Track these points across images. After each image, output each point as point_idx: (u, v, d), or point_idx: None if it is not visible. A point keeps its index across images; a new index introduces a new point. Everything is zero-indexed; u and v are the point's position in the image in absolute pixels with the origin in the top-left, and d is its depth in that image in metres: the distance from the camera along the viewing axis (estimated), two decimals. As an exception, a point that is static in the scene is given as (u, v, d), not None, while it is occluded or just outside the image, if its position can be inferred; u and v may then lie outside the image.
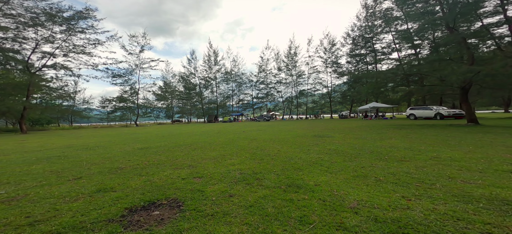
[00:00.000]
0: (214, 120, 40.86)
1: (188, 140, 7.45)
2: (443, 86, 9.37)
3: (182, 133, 11.30)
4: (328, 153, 4.24)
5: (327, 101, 43.11)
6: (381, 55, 35.51)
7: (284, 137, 7.58)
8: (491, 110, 49.24)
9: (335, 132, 8.86)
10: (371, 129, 9.76)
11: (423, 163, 3.21)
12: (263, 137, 7.64)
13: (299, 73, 43.97)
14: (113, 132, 14.63)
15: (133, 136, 10.52)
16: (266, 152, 4.57)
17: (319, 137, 7.05)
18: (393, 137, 6.36)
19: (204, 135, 9.36)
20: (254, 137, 7.94)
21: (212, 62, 44.80)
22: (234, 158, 4.02)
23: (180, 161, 3.91)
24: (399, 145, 4.89)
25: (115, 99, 33.06)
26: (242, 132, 10.68)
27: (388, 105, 24.52)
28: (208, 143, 6.41)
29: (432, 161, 3.29)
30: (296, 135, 8.13)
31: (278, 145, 5.56)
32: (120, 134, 12.03)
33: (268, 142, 6.23)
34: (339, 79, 41.64)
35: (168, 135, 10.15)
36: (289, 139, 6.94)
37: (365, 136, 7.04)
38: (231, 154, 4.47)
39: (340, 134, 7.99)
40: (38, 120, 21.35)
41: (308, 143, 5.83)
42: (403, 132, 7.73)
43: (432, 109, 18.57)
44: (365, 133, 8.00)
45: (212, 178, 2.77)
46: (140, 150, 5.44)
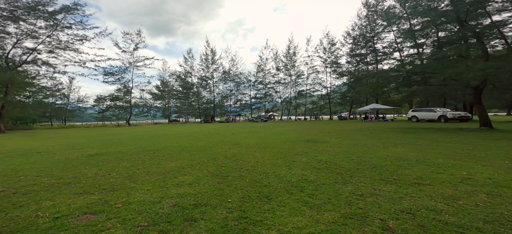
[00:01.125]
0: (211, 120, 39.87)
1: (162, 144, 6.44)
2: (455, 85, 8.35)
3: (166, 135, 10.29)
4: (316, 167, 3.22)
5: (326, 102, 42.09)
6: (382, 55, 34.54)
7: (273, 141, 6.56)
8: (494, 113, 48.20)
9: (332, 135, 7.84)
10: (371, 132, 8.75)
11: (452, 189, 2.19)
12: (249, 142, 6.63)
13: (298, 73, 43.00)
14: (94, 133, 13.61)
15: (108, 137, 9.50)
16: (239, 164, 3.56)
17: (312, 143, 6.04)
18: (398, 144, 5.34)
19: (186, 138, 8.35)
20: (239, 141, 6.93)
21: (209, 61, 43.86)
22: (191, 174, 3.00)
23: (107, 179, 2.88)
24: (409, 156, 3.87)
25: (106, 97, 32.05)
26: (231, 134, 9.70)
27: (388, 107, 23.53)
28: (181, 149, 5.40)
29: (465, 186, 2.27)
30: (288, 139, 7.12)
31: (260, 153, 4.54)
32: (97, 135, 11.01)
33: (251, 149, 5.22)
34: (339, 79, 40.66)
35: (147, 137, 9.13)
36: (277, 144, 5.92)
37: (365, 141, 6.02)
38: (193, 166, 3.46)
39: (336, 138, 6.98)
40: (23, 119, 20.37)
41: (297, 150, 4.81)
42: (409, 137, 6.70)
43: (436, 111, 17.55)
44: (365, 137, 6.98)
45: (117, 215, 1.75)
46: (88, 158, 4.42)
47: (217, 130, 13.46)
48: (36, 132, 15.76)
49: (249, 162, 3.71)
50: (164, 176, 2.93)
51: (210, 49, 43.62)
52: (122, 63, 31.22)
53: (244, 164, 3.57)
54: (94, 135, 11.46)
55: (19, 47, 16.46)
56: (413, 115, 19.10)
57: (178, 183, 2.59)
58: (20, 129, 19.76)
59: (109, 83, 30.57)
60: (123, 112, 34.97)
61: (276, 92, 45.57)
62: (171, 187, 2.43)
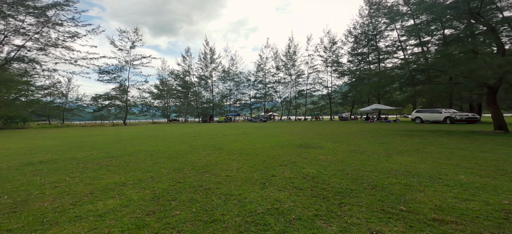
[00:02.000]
0: (209, 120, 39.22)
1: (134, 148, 5.71)
2: (468, 84, 7.49)
3: (152, 136, 9.58)
4: (298, 187, 2.45)
5: (327, 102, 41.17)
6: (385, 54, 33.51)
7: (261, 146, 5.80)
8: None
9: (329, 139, 7.05)
10: (373, 135, 7.93)
11: None
12: (235, 146, 5.88)
13: (298, 73, 42.15)
14: (77, 133, 12.96)
15: (85, 139, 8.81)
16: (203, 180, 2.81)
17: (304, 148, 5.26)
18: (404, 152, 4.53)
19: (168, 140, 7.62)
20: (224, 145, 6.19)
21: (208, 60, 43.20)
22: (124, 196, 2.25)
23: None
24: (419, 169, 3.08)
25: (102, 96, 31.52)
26: (222, 136, 8.98)
27: (391, 107, 22.60)
28: (149, 155, 4.66)
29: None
30: (279, 143, 6.36)
31: (238, 163, 3.79)
32: (76, 136, 10.33)
33: (232, 155, 4.47)
34: (340, 79, 39.72)
35: (128, 139, 8.42)
36: (264, 150, 5.16)
37: (365, 147, 5.22)
38: (139, 182, 2.71)
39: (333, 142, 6.19)
40: (13, 118, 19.86)
41: (284, 159, 4.05)
42: (416, 142, 5.89)
43: (441, 112, 16.63)
44: (366, 142, 6.18)
45: None
46: (22, 167, 3.69)
47: (209, 130, 12.73)
48: (21, 132, 15.18)
49: (218, 176, 2.95)
50: (78, 200, 2.18)
51: (209, 48, 43.00)
52: (118, 62, 30.67)
53: (210, 179, 2.82)
54: (73, 136, 10.80)
55: (6, 44, 15.88)
56: (417, 116, 18.19)
57: (83, 214, 1.84)
58: (9, 128, 19.24)
59: (104, 81, 30.02)
60: (119, 111, 34.42)
61: (275, 91, 44.80)
62: (64, 223, 1.67)
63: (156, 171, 3.26)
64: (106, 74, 29.80)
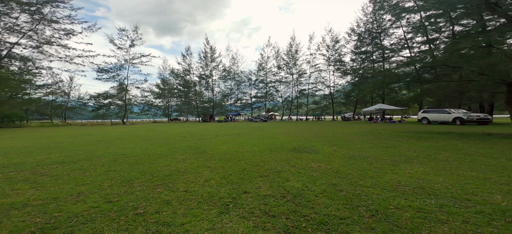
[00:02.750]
0: (209, 120, 38.77)
1: (103, 151, 5.14)
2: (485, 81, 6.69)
3: (141, 136, 9.04)
4: (270, 213, 1.81)
5: (329, 102, 40.24)
6: (390, 52, 32.38)
7: (250, 149, 5.18)
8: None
9: (327, 141, 6.36)
10: (376, 137, 7.19)
11: None
12: (220, 149, 5.28)
13: (300, 72, 41.30)
14: (65, 133, 12.54)
15: (66, 139, 8.32)
16: (150, 196, 2.20)
17: (297, 153, 4.61)
18: (413, 159, 3.83)
19: (152, 141, 7.06)
20: (209, 147, 5.61)
21: (208, 58, 42.74)
22: (28, 218, 1.64)
23: None
24: (437, 185, 2.39)
25: (100, 95, 31.33)
26: (214, 137, 8.39)
27: (396, 107, 21.65)
28: (113, 160, 4.07)
29: None
30: (270, 146, 5.72)
31: (212, 171, 3.17)
32: (61, 136, 9.87)
33: (211, 161, 3.87)
34: (343, 78, 38.73)
35: (113, 139, 7.89)
36: (251, 154, 4.54)
37: (367, 152, 4.53)
38: (57, 200, 2.10)
39: (331, 146, 5.50)
40: (9, 116, 19.69)
41: (268, 166, 3.40)
42: (427, 146, 5.15)
43: (450, 112, 15.68)
44: (368, 146, 5.47)
45: None
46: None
47: (204, 131, 12.16)
48: (10, 131, 14.90)
49: (173, 191, 2.32)
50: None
51: (210, 47, 42.52)
52: (117, 60, 30.41)
53: (158, 196, 2.19)
54: (60, 135, 10.36)
55: (0, 41, 15.60)
56: (424, 117, 17.26)
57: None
58: (7, 127, 19.05)
59: (102, 80, 29.80)
60: (118, 110, 34.23)
61: (277, 91, 44.06)
62: None
63: (96, 183, 2.64)
64: (104, 73, 29.57)
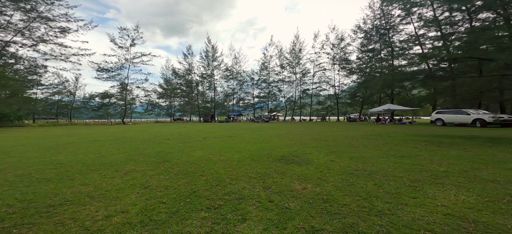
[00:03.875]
0: (211, 120, 38.13)
1: (61, 157, 4.31)
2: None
3: (116, 138, 8.28)
4: None
5: (334, 102, 38.71)
6: (400, 49, 30.53)
7: (228, 157, 4.27)
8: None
9: (326, 147, 5.30)
10: (386, 142, 6.05)
11: None
12: (196, 155, 4.42)
13: (303, 71, 39.98)
14: (53, 133, 12.00)
15: (35, 141, 7.63)
16: None
17: (284, 164, 3.62)
18: (444, 176, 2.74)
19: (118, 145, 6.24)
20: (179, 154, 4.70)
21: (210, 58, 42.14)
22: None
23: None
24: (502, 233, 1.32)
25: (99, 94, 31.25)
26: (202, 139, 7.53)
27: (406, 108, 20.06)
28: (27, 173, 3.20)
29: None
30: (257, 152, 4.78)
31: (141, 197, 2.25)
32: (41, 137, 9.25)
33: (162, 177, 2.96)
34: (348, 77, 37.13)
35: (81, 143, 7.13)
36: (227, 164, 3.62)
37: (374, 163, 3.46)
38: None
39: (329, 153, 4.45)
40: (7, 116, 19.60)
41: (233, 187, 2.44)
42: (455, 157, 4.01)
43: (469, 113, 14.11)
44: (376, 154, 4.38)
45: None
46: None
47: (197, 132, 11.31)
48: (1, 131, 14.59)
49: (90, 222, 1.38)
50: None
51: (211, 46, 41.92)
52: (118, 59, 30.22)
53: None
54: (38, 137, 9.77)
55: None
56: (438, 118, 15.72)
57: None
58: (5, 126, 18.94)
59: (102, 79, 29.65)
60: (120, 109, 34.12)
61: (279, 90, 42.89)
62: None
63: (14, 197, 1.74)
64: (104, 72, 29.41)
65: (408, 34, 29.52)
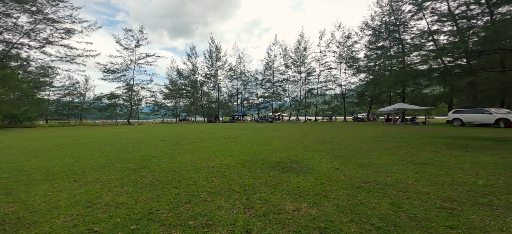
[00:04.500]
0: (215, 120, 37.95)
1: (34, 163, 3.95)
2: None
3: (116, 139, 8.00)
4: None
5: (340, 102, 37.48)
6: (411, 46, 28.95)
7: (219, 163, 3.78)
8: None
9: (329, 151, 4.67)
10: (399, 145, 5.32)
11: None
12: (181, 161, 3.98)
13: (308, 70, 39.00)
14: (54, 134, 11.98)
15: (34, 143, 7.45)
16: None
17: (278, 172, 3.07)
18: (488, 193, 2.08)
19: (106, 149, 5.88)
20: (163, 159, 4.24)
21: (213, 58, 42.04)
22: None
23: None
24: None
25: (105, 95, 31.76)
26: (199, 141, 7.13)
27: (419, 107, 18.80)
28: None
29: None
30: (252, 157, 4.28)
31: (53, 226, 1.71)
32: (31, 139, 9.14)
33: (121, 190, 2.45)
34: (355, 76, 35.80)
35: (66, 145, 6.86)
36: (213, 172, 3.13)
37: (387, 173, 2.83)
38: None
39: (334, 158, 3.84)
40: (17, 116, 20.16)
41: (207, 206, 1.92)
42: (490, 164, 3.29)
43: (492, 112, 12.89)
44: (390, 160, 3.72)
45: None
46: None
47: (197, 132, 10.93)
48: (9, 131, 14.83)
49: None
50: None
51: (215, 46, 41.80)
52: (123, 61, 30.60)
53: None
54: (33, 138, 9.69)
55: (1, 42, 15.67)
56: (456, 118, 14.52)
57: None
58: (16, 127, 19.44)
59: (108, 80, 30.11)
60: (126, 110, 34.58)
61: (284, 90, 42.08)
62: None
63: None
64: (111, 73, 29.84)
65: (420, 29, 27.97)
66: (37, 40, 16.99)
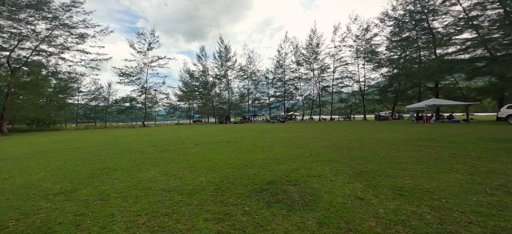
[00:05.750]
0: (226, 121, 37.57)
1: None
2: None
3: (110, 143, 7.50)
4: None
5: (359, 99, 34.47)
6: (444, 36, 25.11)
7: (185, 182, 2.77)
8: None
9: (346, 162, 3.36)
10: (456, 154, 3.75)
11: None
12: (145, 176, 3.07)
13: (322, 67, 36.61)
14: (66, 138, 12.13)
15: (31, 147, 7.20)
16: None
17: (266, 203, 1.90)
18: None
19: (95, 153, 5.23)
20: (134, 171, 3.35)
21: (223, 58, 41.78)
22: None
23: None
24: None
25: (121, 99, 33.08)
26: (194, 145, 6.35)
27: (459, 103, 15.84)
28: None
29: None
30: (245, 168, 3.24)
31: None
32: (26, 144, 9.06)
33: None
34: (376, 71, 32.56)
35: (72, 149, 6.41)
36: (175, 195, 2.09)
37: (463, 212, 1.47)
38: None
39: (354, 178, 2.54)
40: (43, 120, 21.63)
41: None
42: None
43: None
44: (451, 179, 2.32)
45: None
46: None
47: (201, 135, 10.21)
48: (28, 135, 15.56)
49: None
50: None
51: (224, 46, 41.49)
52: (137, 64, 31.63)
53: None
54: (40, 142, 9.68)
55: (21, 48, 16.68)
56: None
57: None
58: (44, 130, 20.78)
59: (123, 83, 31.34)
60: (141, 112, 35.82)
61: (296, 89, 40.12)
62: None
63: None
64: (125, 77, 31.02)
65: (455, 16, 24.10)
66: (54, 46, 17.88)
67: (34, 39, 16.38)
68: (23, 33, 15.61)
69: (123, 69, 30.38)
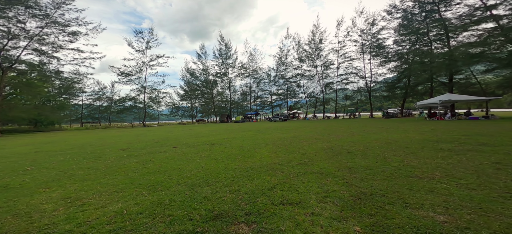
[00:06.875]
0: (227, 120, 36.84)
1: None
2: None
3: (77, 146, 6.77)
4: None
5: (365, 96, 32.89)
6: (456, 28, 23.21)
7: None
8: None
9: (344, 175, 2.39)
10: (502, 162, 2.73)
11: None
12: (46, 202, 2.07)
13: (325, 63, 35.17)
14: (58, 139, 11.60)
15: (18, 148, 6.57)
16: None
17: None
18: None
19: (47, 161, 4.45)
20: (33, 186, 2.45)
21: (223, 56, 40.97)
22: None
23: None
24: None
25: (120, 98, 32.86)
26: (172, 148, 5.49)
27: (477, 98, 14.35)
28: None
29: None
30: (198, 187, 2.24)
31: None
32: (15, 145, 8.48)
33: None
34: (383, 66, 30.88)
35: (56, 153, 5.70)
36: None
37: None
38: None
39: (348, 208, 1.57)
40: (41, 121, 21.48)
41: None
42: None
43: None
44: None
45: None
46: None
47: (189, 136, 9.37)
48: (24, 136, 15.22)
49: None
50: None
51: (225, 44, 40.65)
52: (136, 63, 31.28)
53: None
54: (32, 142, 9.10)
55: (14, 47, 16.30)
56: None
57: None
58: (42, 131, 20.58)
59: (122, 83, 31.07)
60: (141, 112, 35.58)
61: (299, 86, 38.82)
62: None
63: None
64: (124, 76, 30.70)
65: (470, 5, 22.17)
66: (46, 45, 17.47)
67: (24, 37, 15.99)
68: (13, 32, 15.25)
69: (121, 68, 30.10)
